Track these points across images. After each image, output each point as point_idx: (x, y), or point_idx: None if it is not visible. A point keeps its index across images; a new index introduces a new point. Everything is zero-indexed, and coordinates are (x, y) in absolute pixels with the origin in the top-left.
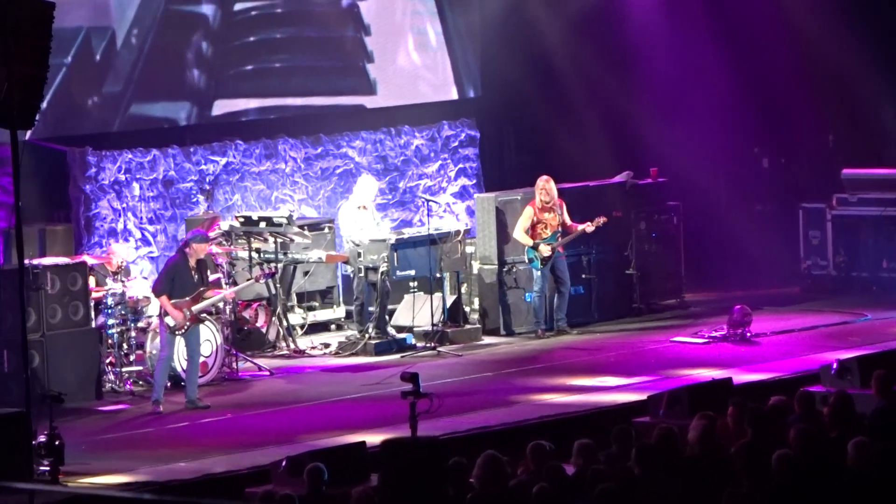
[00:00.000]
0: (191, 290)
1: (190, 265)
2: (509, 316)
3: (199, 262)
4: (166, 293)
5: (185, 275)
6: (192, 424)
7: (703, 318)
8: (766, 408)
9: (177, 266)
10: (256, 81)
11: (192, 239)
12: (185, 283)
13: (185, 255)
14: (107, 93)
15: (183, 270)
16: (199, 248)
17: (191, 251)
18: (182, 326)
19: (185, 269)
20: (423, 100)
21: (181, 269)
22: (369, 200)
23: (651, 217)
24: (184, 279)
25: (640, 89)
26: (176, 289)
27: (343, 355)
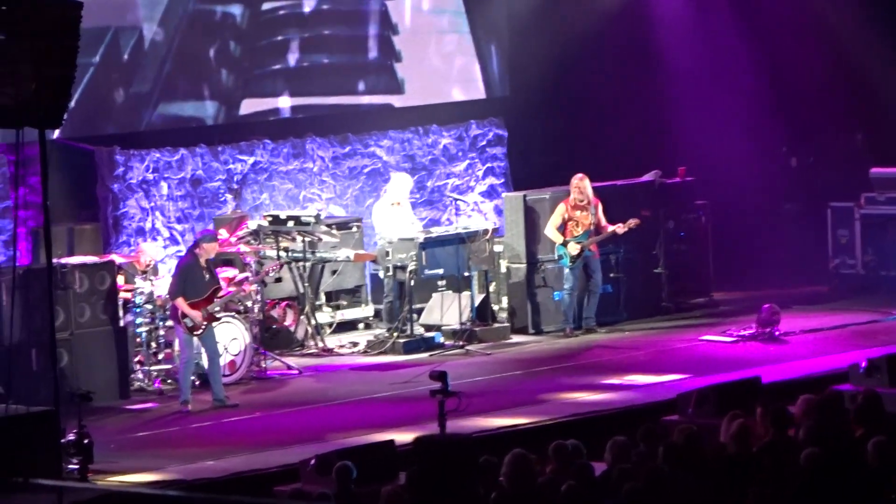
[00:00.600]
0: (203, 290)
1: (201, 265)
2: (538, 314)
3: (209, 261)
4: (181, 294)
5: (196, 275)
6: (220, 423)
7: (732, 316)
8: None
9: (189, 267)
10: (284, 80)
11: (201, 239)
12: (198, 283)
13: (195, 256)
14: (134, 92)
15: (195, 270)
16: (209, 248)
17: (201, 251)
18: (200, 327)
19: (196, 269)
20: (450, 99)
21: (193, 269)
22: (404, 197)
23: (679, 216)
24: (196, 279)
25: (669, 88)
26: (189, 289)
27: (371, 354)
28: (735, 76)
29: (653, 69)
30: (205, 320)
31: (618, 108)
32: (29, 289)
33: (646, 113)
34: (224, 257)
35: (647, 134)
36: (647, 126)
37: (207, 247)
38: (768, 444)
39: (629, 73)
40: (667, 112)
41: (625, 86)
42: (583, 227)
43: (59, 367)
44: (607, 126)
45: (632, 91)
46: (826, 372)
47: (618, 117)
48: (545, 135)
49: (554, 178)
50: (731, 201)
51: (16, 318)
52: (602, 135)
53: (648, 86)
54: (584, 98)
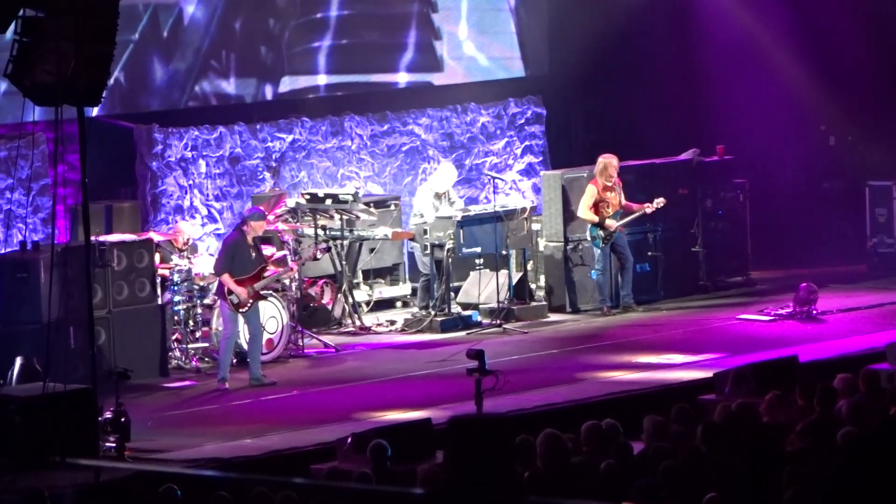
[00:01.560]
0: (250, 268)
1: (248, 242)
2: (575, 293)
3: (256, 239)
4: (228, 271)
5: (244, 252)
6: (257, 401)
7: (770, 295)
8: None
9: (236, 244)
10: (323, 58)
11: (249, 217)
12: (245, 261)
13: (242, 233)
14: (173, 69)
15: (242, 248)
16: (257, 226)
17: (248, 228)
18: (245, 304)
19: (244, 246)
20: (489, 77)
21: (240, 246)
22: (449, 187)
23: (717, 194)
24: (243, 256)
25: (708, 66)
26: (236, 266)
27: (409, 332)
28: (775, 54)
29: (692, 47)
30: (250, 298)
31: (656, 86)
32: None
33: (685, 91)
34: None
35: (685, 112)
36: (686, 104)
37: (255, 225)
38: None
39: (668, 50)
40: (706, 90)
41: (664, 64)
42: (613, 208)
43: (96, 345)
44: (646, 104)
45: (671, 69)
46: (863, 351)
47: (657, 95)
48: (584, 113)
49: (592, 156)
50: (769, 180)
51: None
52: (641, 113)
53: (688, 63)
54: (622, 76)
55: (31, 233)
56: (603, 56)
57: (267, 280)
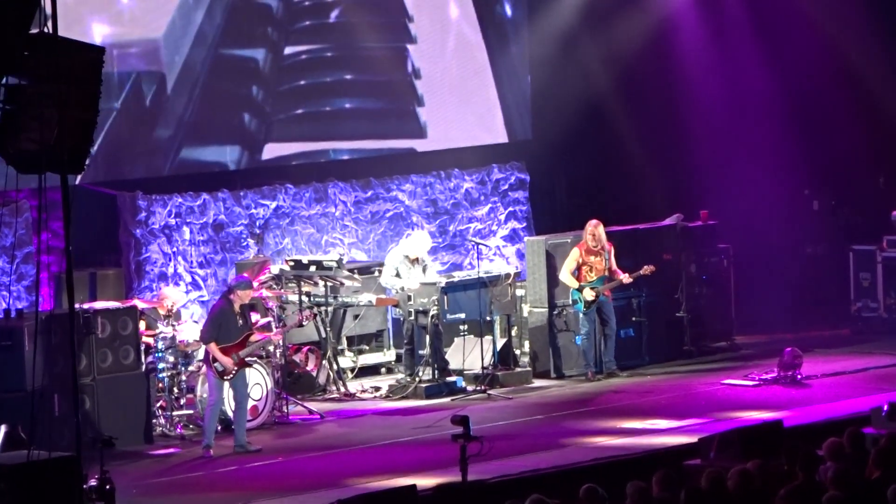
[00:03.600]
0: (236, 335)
1: (235, 310)
2: (559, 359)
3: (243, 306)
4: (214, 339)
5: (230, 320)
6: (242, 468)
7: (754, 360)
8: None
9: (223, 312)
10: (307, 125)
11: (236, 286)
12: (231, 328)
13: (229, 301)
14: (157, 137)
15: (229, 316)
16: (244, 295)
17: (235, 297)
18: (231, 372)
19: (230, 314)
20: (473, 143)
21: (227, 314)
22: (421, 254)
23: (701, 259)
24: (229, 325)
25: (692, 131)
26: (222, 334)
27: (394, 398)
28: (758, 120)
29: (676, 112)
30: (236, 365)
31: (640, 150)
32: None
33: (668, 156)
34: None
35: (669, 177)
36: (670, 169)
37: (242, 294)
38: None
39: (652, 115)
40: (690, 155)
41: (647, 129)
42: (597, 273)
43: (81, 412)
44: (629, 169)
45: (654, 134)
46: (848, 415)
47: (640, 160)
48: (567, 178)
49: (576, 221)
50: (753, 244)
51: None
52: (624, 178)
53: (671, 129)
54: (606, 141)
55: (16, 300)
56: (586, 121)
57: (252, 347)
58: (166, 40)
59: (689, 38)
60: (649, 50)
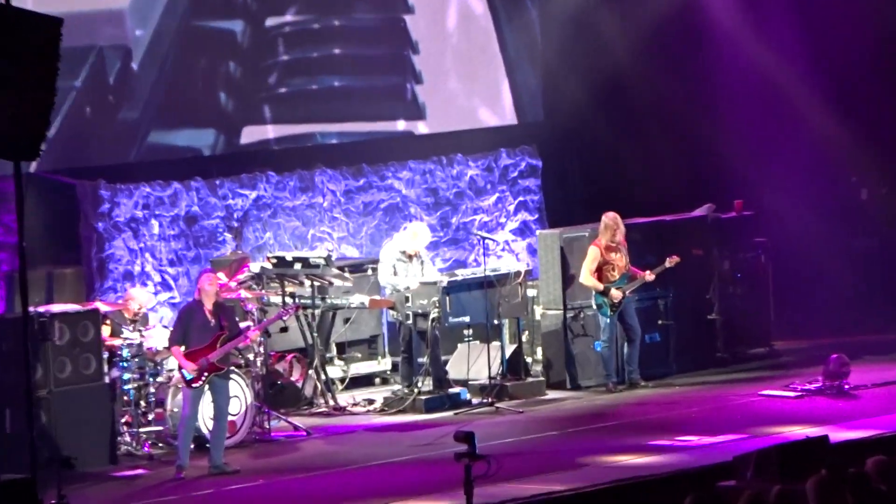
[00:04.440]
0: (207, 337)
1: (206, 308)
2: (576, 367)
3: (217, 305)
4: (178, 343)
5: (199, 320)
6: (218, 492)
7: (795, 368)
8: None
9: (190, 312)
10: (290, 106)
11: (198, 278)
12: (202, 331)
13: (197, 300)
14: (122, 119)
15: (196, 315)
16: (206, 287)
17: (199, 293)
18: (198, 379)
19: (199, 314)
20: (478, 125)
21: (194, 314)
22: (419, 248)
23: (736, 255)
24: (198, 325)
25: (724, 111)
26: (193, 337)
27: (389, 412)
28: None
29: (705, 90)
30: (205, 371)
31: (666, 134)
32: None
33: (698, 139)
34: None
35: (698, 163)
36: (699, 154)
37: (202, 285)
38: None
39: (678, 94)
40: (721, 138)
41: (673, 110)
42: (619, 271)
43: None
44: (654, 155)
45: (681, 116)
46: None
47: (666, 144)
48: (583, 165)
49: (594, 212)
50: (794, 238)
51: None
52: (648, 164)
53: (700, 108)
54: (627, 124)
55: None
56: (604, 100)
57: (224, 349)
58: (132, 10)
59: (719, 8)
60: (674, 22)
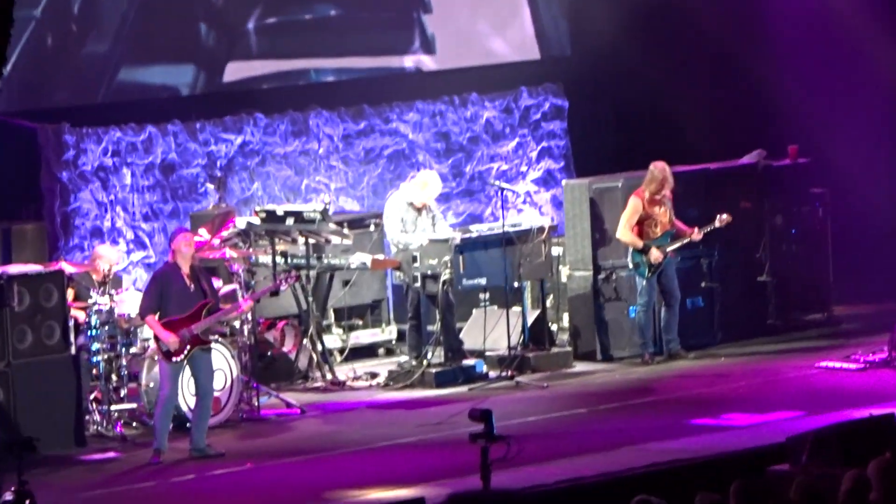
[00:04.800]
0: (188, 305)
1: (183, 272)
2: (607, 336)
3: (194, 268)
4: (152, 311)
5: (176, 286)
6: (200, 477)
7: (858, 337)
8: None
9: (164, 277)
10: (281, 38)
11: (170, 239)
12: (180, 297)
13: (172, 263)
14: (88, 53)
15: (173, 281)
16: (179, 245)
17: (173, 254)
18: (180, 352)
19: (175, 278)
20: (495, 60)
21: (171, 279)
22: (429, 200)
23: (790, 209)
24: (177, 292)
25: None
26: (170, 305)
27: (394, 388)
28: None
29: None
30: (188, 344)
31: (710, 70)
32: None
33: (747, 76)
34: (205, 264)
35: (748, 103)
36: (749, 93)
37: (176, 245)
38: None
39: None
40: (774, 75)
41: (718, 43)
42: (662, 228)
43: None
44: (696, 94)
45: (727, 50)
46: None
47: (710, 82)
48: (615, 105)
49: (627, 160)
50: (856, 190)
51: None
52: (689, 105)
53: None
54: (664, 59)
55: None
56: (640, 32)
57: (210, 320)
58: None
59: None
60: None
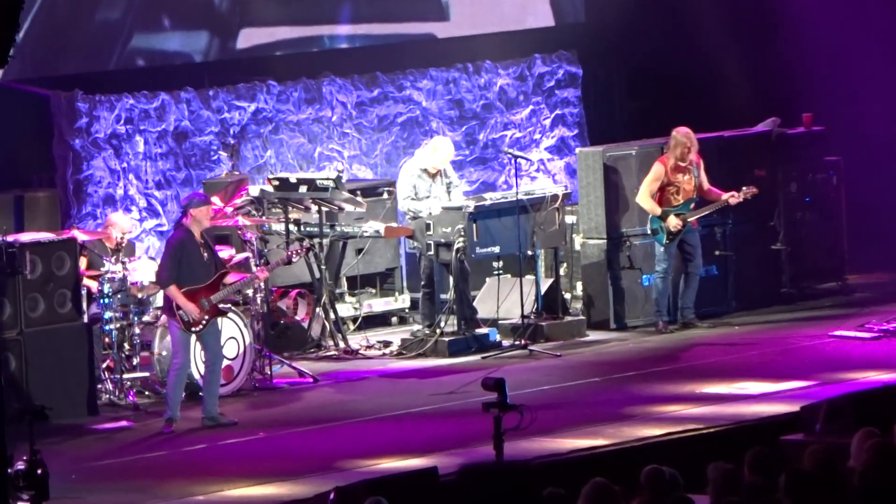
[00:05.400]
0: (204, 274)
1: (197, 240)
2: (622, 305)
3: (205, 236)
4: (174, 280)
5: (193, 254)
6: (213, 447)
7: (872, 306)
8: None
9: (182, 244)
10: (294, 5)
11: (188, 204)
12: (195, 266)
13: (186, 230)
14: (101, 20)
15: (190, 249)
16: (201, 215)
17: (190, 221)
18: (199, 322)
19: (192, 246)
20: (509, 27)
21: (187, 247)
22: (443, 164)
23: (804, 177)
24: (192, 260)
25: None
26: (185, 273)
27: (407, 356)
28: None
29: None
30: (206, 314)
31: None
32: None
33: (760, 44)
34: (218, 232)
35: (762, 70)
36: (763, 60)
37: (198, 213)
38: None
39: None
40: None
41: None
42: (684, 195)
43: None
44: (710, 61)
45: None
46: None
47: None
48: (630, 73)
49: (641, 128)
50: (871, 157)
51: None
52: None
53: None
54: (679, 24)
55: None
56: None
57: (228, 290)
58: None
59: None
60: None
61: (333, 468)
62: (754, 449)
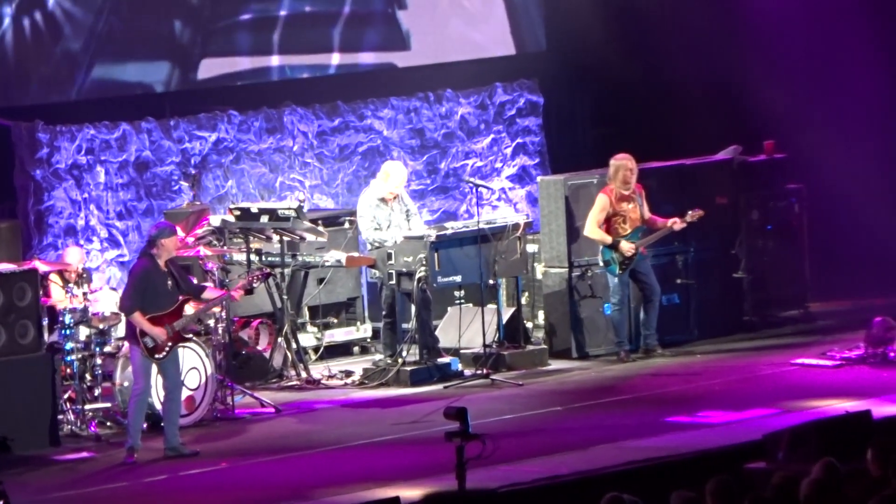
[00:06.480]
0: (167, 302)
1: (161, 269)
2: (583, 334)
3: (170, 263)
4: (139, 308)
5: (158, 283)
6: (174, 477)
7: (834, 333)
8: None
9: (146, 273)
10: (255, 35)
11: (157, 234)
12: (160, 294)
13: (152, 258)
14: (62, 51)
15: (154, 278)
16: (168, 245)
17: (158, 251)
18: (163, 348)
19: (156, 274)
20: (470, 56)
21: (152, 276)
22: (398, 188)
23: (766, 204)
24: (157, 288)
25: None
26: (148, 301)
27: (370, 386)
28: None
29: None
30: (170, 340)
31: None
32: None
33: (722, 73)
34: (180, 262)
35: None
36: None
37: (166, 243)
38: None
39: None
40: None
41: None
42: (631, 224)
43: None
44: (672, 89)
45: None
46: None
47: (686, 78)
48: (592, 101)
49: (603, 156)
50: (832, 185)
51: None
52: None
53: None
54: (642, 54)
55: None
56: (617, 27)
57: (190, 317)
58: None
59: None
60: None
61: (296, 498)
62: (717, 477)
